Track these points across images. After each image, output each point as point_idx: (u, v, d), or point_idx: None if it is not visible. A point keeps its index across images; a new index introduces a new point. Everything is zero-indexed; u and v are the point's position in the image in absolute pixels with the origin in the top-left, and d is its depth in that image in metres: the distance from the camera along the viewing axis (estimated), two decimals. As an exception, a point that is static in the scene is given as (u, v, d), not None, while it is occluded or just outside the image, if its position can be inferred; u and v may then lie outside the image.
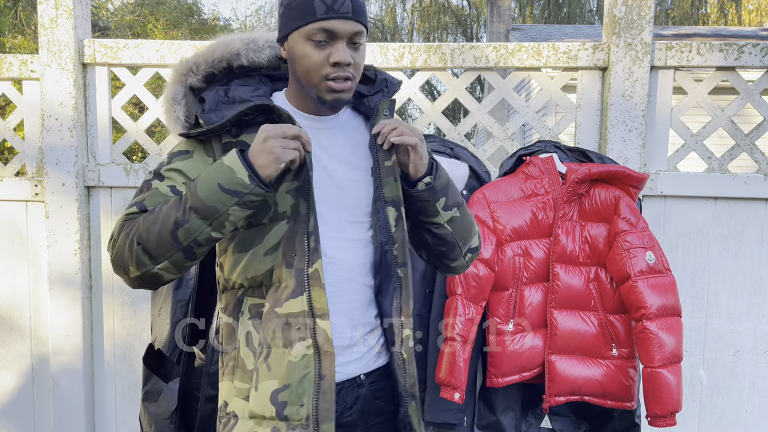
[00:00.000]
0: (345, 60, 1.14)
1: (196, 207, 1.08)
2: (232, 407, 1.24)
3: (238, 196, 1.08)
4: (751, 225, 2.32)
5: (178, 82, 1.25)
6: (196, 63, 1.26)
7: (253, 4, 41.32)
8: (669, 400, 1.82)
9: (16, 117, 2.55)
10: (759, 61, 2.26)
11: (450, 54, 2.36)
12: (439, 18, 17.41)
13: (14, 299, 2.58)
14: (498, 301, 1.91)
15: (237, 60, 1.27)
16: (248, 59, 1.28)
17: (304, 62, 1.16)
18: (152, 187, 1.18)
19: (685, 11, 16.22)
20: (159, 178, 1.19)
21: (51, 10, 2.41)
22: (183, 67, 1.26)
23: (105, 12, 10.87)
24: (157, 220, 1.10)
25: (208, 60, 1.26)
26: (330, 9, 1.13)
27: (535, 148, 2.02)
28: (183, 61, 1.27)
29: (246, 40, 1.28)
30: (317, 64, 1.15)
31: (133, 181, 2.47)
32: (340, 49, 1.14)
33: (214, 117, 1.19)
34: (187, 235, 1.09)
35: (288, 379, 1.16)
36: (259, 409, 1.18)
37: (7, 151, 7.21)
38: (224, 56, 1.26)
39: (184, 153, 1.21)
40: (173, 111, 1.22)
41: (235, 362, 1.25)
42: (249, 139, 1.19)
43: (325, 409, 1.16)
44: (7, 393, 2.62)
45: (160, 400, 1.96)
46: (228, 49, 1.26)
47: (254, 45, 1.28)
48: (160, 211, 1.11)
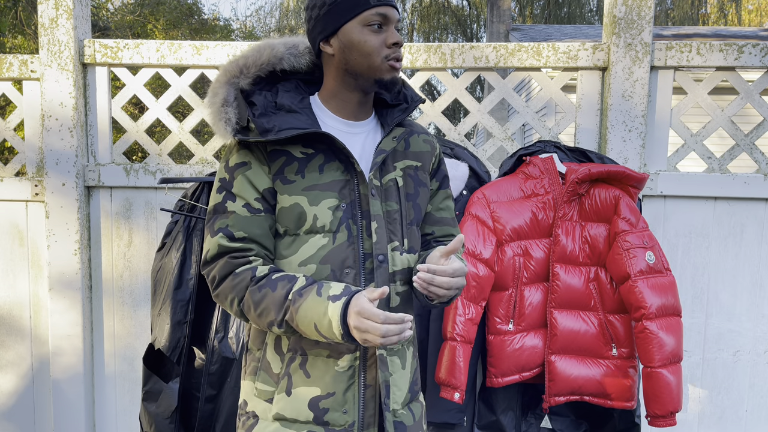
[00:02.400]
0: (400, 40, 1.24)
1: (291, 327, 1.18)
2: (252, 407, 1.30)
3: (329, 339, 1.16)
4: (751, 225, 2.32)
5: (229, 84, 1.27)
6: (246, 65, 1.28)
7: (253, 4, 41.32)
8: (669, 400, 1.82)
9: (17, 117, 2.56)
10: (759, 61, 2.26)
11: (450, 54, 2.36)
12: (439, 18, 17.41)
13: (14, 299, 2.58)
14: (498, 301, 1.91)
15: (279, 64, 1.31)
16: (289, 64, 1.32)
17: (364, 47, 1.23)
18: (228, 210, 1.23)
19: (685, 11, 16.22)
20: (231, 198, 1.24)
21: (51, 10, 2.41)
22: (234, 68, 1.28)
23: (105, 12, 10.86)
24: (258, 306, 1.19)
25: (257, 63, 1.28)
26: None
27: (535, 148, 2.02)
28: (232, 61, 1.29)
29: (288, 44, 1.32)
30: (377, 46, 1.23)
31: (133, 181, 2.47)
32: (393, 32, 1.24)
33: (265, 122, 1.22)
34: (276, 331, 1.21)
35: (333, 387, 1.24)
36: (290, 413, 1.24)
37: (7, 151, 7.21)
38: (271, 60, 1.29)
39: (244, 165, 1.24)
40: (225, 112, 1.24)
41: (259, 364, 1.30)
42: (294, 150, 1.24)
43: (369, 416, 1.25)
44: (7, 393, 2.62)
45: (160, 400, 1.96)
46: (274, 53, 1.29)
47: (295, 50, 1.33)
48: (264, 299, 1.19)
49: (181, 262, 1.95)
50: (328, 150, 1.25)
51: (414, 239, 1.33)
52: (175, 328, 1.92)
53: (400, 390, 1.30)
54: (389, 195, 1.29)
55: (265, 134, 1.20)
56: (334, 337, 1.13)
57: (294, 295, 1.16)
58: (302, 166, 1.23)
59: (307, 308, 1.14)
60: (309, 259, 1.23)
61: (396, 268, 1.28)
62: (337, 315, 1.12)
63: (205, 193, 1.99)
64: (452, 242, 1.17)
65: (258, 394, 1.29)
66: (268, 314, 1.18)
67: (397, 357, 1.30)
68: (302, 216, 1.22)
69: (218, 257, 1.23)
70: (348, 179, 1.25)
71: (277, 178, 1.23)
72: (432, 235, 1.41)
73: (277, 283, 1.18)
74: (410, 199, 1.32)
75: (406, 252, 1.30)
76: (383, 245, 1.25)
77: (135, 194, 2.51)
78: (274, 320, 1.17)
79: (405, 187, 1.32)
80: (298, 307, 1.15)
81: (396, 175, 1.31)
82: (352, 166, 1.24)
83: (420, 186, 1.35)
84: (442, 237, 1.41)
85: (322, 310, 1.13)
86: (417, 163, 1.35)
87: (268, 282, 1.19)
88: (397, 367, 1.30)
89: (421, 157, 1.37)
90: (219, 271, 1.23)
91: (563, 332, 1.91)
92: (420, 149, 1.37)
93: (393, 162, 1.32)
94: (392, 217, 1.28)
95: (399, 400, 1.29)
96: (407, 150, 1.35)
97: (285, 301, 1.16)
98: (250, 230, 1.22)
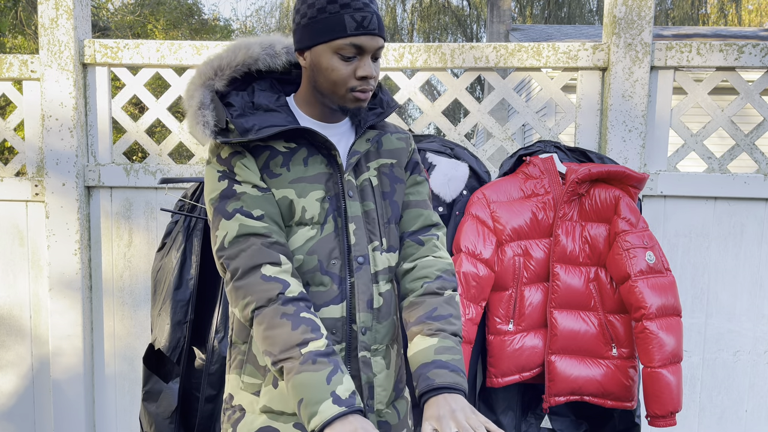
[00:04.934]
0: (372, 74, 1.18)
1: (281, 372, 1.13)
2: (239, 401, 1.28)
3: (299, 417, 1.12)
4: (751, 225, 2.32)
5: (204, 86, 1.26)
6: (220, 66, 1.26)
7: (253, 5, 41.33)
8: (669, 400, 1.82)
9: (17, 117, 2.56)
10: (759, 61, 2.26)
11: (450, 54, 2.36)
12: (439, 18, 17.41)
13: (14, 299, 2.58)
14: (498, 301, 1.91)
15: (255, 65, 1.29)
16: (265, 64, 1.30)
17: (331, 75, 1.19)
18: (239, 192, 1.20)
19: (685, 11, 16.23)
20: (237, 182, 1.21)
21: (51, 11, 2.41)
22: (208, 70, 1.26)
23: (105, 12, 10.86)
24: (270, 329, 1.14)
25: (232, 64, 1.27)
26: (360, 26, 1.16)
27: (535, 148, 2.02)
28: (207, 63, 1.27)
29: (264, 44, 1.30)
30: (344, 77, 1.18)
31: (133, 181, 2.47)
32: (367, 63, 1.18)
33: (244, 122, 1.21)
34: (266, 360, 1.16)
35: None
36: (277, 405, 1.23)
37: (7, 151, 7.21)
38: (246, 61, 1.28)
39: (238, 154, 1.23)
40: (202, 115, 1.22)
41: (245, 357, 1.28)
42: (277, 145, 1.23)
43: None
44: (7, 394, 2.62)
45: (160, 400, 1.96)
46: (249, 54, 1.28)
47: (272, 50, 1.30)
48: (278, 328, 1.12)
49: (181, 262, 1.95)
50: (310, 145, 1.25)
51: (393, 237, 1.32)
52: (175, 328, 1.92)
53: (385, 390, 1.30)
54: (365, 195, 1.29)
55: (245, 134, 1.19)
56: (306, 425, 1.07)
57: (307, 355, 1.10)
58: (287, 160, 1.23)
59: (307, 382, 1.08)
60: (297, 250, 1.22)
61: (378, 268, 1.28)
62: (326, 416, 1.05)
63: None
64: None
65: (244, 387, 1.27)
66: (272, 344, 1.13)
67: (381, 357, 1.30)
68: (291, 208, 1.22)
69: (240, 239, 1.18)
70: (331, 173, 1.25)
71: (264, 172, 1.23)
72: (404, 224, 1.37)
73: (300, 324, 1.13)
74: (386, 198, 1.32)
75: (386, 251, 1.30)
76: (363, 246, 1.25)
77: (135, 194, 2.51)
78: (272, 354, 1.12)
79: (380, 185, 1.31)
80: (302, 372, 1.09)
81: (370, 175, 1.30)
82: (334, 159, 1.24)
83: (396, 183, 1.34)
84: (413, 226, 1.37)
85: (318, 396, 1.07)
86: (392, 161, 1.35)
87: (294, 314, 1.14)
88: (381, 368, 1.29)
89: (396, 153, 1.36)
90: (246, 260, 1.16)
91: (563, 332, 1.91)
92: (394, 146, 1.36)
93: (366, 162, 1.31)
94: (370, 216, 1.28)
95: (383, 400, 1.29)
96: (380, 149, 1.34)
97: (294, 350, 1.11)
98: (266, 208, 1.20)
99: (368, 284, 1.25)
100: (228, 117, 1.21)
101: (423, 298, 1.29)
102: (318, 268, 1.22)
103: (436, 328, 1.23)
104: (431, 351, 1.20)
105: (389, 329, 1.32)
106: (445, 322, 1.24)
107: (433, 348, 1.20)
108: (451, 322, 1.25)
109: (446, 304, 1.28)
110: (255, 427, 1.24)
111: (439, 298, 1.28)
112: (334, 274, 1.23)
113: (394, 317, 1.34)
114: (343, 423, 1.04)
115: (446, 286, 1.30)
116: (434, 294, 1.29)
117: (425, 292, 1.29)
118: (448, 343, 1.22)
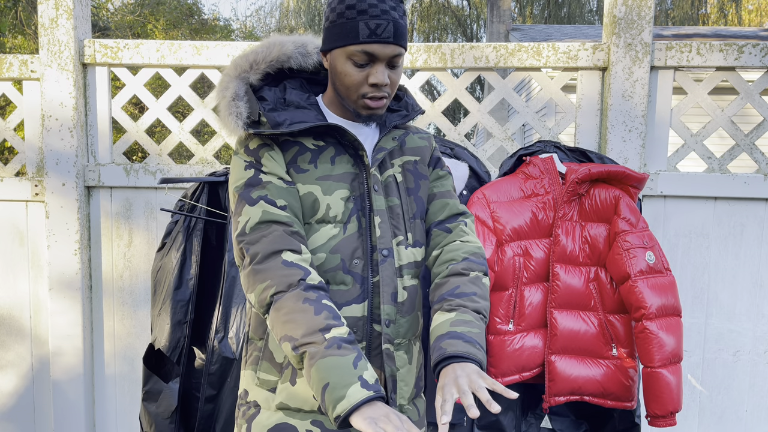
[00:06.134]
0: (383, 82, 1.19)
1: (300, 359, 1.11)
2: (254, 397, 1.29)
3: (320, 405, 1.08)
4: (751, 225, 2.32)
5: (239, 78, 1.27)
6: (255, 60, 1.28)
7: (253, 5, 41.32)
8: (669, 400, 1.82)
9: (17, 117, 2.56)
10: (759, 61, 2.26)
11: (450, 54, 2.36)
12: (439, 18, 17.41)
13: (14, 300, 2.58)
14: (498, 301, 1.91)
15: (288, 62, 1.31)
16: (297, 63, 1.32)
17: (344, 79, 1.21)
18: (264, 181, 1.21)
19: (685, 11, 16.23)
20: (263, 172, 1.22)
21: (51, 10, 2.41)
22: (244, 62, 1.28)
23: (105, 12, 10.86)
24: (291, 313, 1.11)
25: (267, 59, 1.28)
26: (373, 33, 1.16)
27: (535, 148, 2.03)
28: (242, 56, 1.29)
29: (298, 43, 1.32)
30: (356, 83, 1.20)
31: (133, 181, 2.47)
32: (379, 70, 1.19)
33: (276, 116, 1.22)
34: (285, 348, 1.13)
35: None
36: (295, 402, 1.24)
37: (7, 151, 7.21)
38: (279, 57, 1.29)
39: (266, 146, 1.24)
40: (235, 106, 1.23)
41: (261, 353, 1.29)
42: (306, 141, 1.25)
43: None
44: (7, 394, 2.62)
45: (160, 400, 1.96)
46: (282, 50, 1.30)
47: (304, 50, 1.32)
48: (300, 312, 1.11)
49: (181, 262, 1.95)
50: (338, 144, 1.27)
51: (418, 232, 1.33)
52: (175, 328, 1.92)
53: (407, 385, 1.30)
54: (390, 191, 1.30)
55: (277, 127, 1.20)
56: (329, 411, 1.04)
57: (332, 340, 1.08)
58: (315, 157, 1.25)
59: (334, 366, 1.05)
60: (319, 248, 1.23)
61: (402, 263, 1.28)
62: (354, 400, 1.02)
63: (205, 193, 1.99)
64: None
65: (260, 384, 1.28)
66: (294, 328, 1.10)
67: (404, 352, 1.30)
68: (315, 205, 1.23)
69: (263, 225, 1.18)
70: (357, 173, 1.26)
71: (290, 167, 1.24)
72: (430, 215, 1.37)
73: (323, 310, 1.11)
74: (411, 194, 1.33)
75: (411, 246, 1.30)
76: (387, 240, 1.26)
77: (135, 194, 2.51)
78: (293, 338, 1.09)
79: (405, 182, 1.33)
80: (328, 356, 1.06)
81: (394, 171, 1.32)
82: (361, 160, 1.26)
83: (420, 179, 1.36)
84: (440, 216, 1.36)
85: (346, 380, 1.04)
86: (415, 158, 1.37)
87: (316, 300, 1.12)
88: (404, 362, 1.29)
89: (419, 151, 1.38)
90: (268, 246, 1.15)
91: (563, 332, 1.91)
92: (417, 145, 1.39)
93: (391, 160, 1.33)
94: (395, 212, 1.29)
95: (405, 396, 1.29)
96: (404, 147, 1.37)
97: (317, 334, 1.09)
98: (289, 200, 1.21)
99: (392, 277, 1.25)
100: (261, 110, 1.22)
101: (447, 278, 1.28)
102: (340, 266, 1.23)
103: (457, 304, 1.22)
104: (447, 324, 1.19)
105: (412, 324, 1.32)
106: (467, 299, 1.23)
107: (450, 321, 1.19)
108: (474, 300, 1.24)
109: (471, 283, 1.26)
110: (271, 424, 1.25)
111: (464, 278, 1.27)
112: (356, 274, 1.24)
113: (417, 313, 1.34)
114: (372, 407, 1.02)
115: (473, 268, 1.29)
116: (459, 274, 1.28)
117: (450, 273, 1.29)
118: (466, 317, 1.20)
